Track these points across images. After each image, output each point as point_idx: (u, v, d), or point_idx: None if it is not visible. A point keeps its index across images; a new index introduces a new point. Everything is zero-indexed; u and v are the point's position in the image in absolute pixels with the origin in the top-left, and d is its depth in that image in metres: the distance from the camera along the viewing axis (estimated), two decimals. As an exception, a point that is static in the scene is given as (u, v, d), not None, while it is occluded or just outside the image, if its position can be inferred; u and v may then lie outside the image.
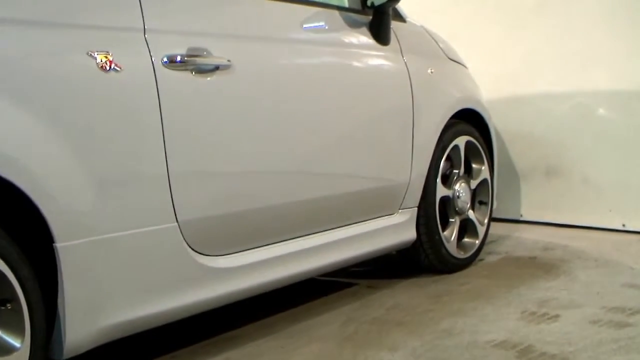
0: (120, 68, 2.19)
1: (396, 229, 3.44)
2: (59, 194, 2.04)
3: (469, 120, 3.92)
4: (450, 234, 3.70)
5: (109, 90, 2.18)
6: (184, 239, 2.41)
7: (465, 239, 3.88)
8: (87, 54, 2.13)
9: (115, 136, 2.19)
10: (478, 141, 3.92)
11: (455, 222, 3.74)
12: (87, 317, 2.14)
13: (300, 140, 2.85)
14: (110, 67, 2.17)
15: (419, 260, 3.67)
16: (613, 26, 4.58)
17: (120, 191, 2.20)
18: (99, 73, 2.14)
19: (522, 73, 4.99)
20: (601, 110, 4.71)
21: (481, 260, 3.98)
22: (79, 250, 2.09)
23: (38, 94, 2.03)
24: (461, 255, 3.77)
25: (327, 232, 3.08)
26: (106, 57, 2.16)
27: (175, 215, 2.37)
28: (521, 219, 5.10)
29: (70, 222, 2.07)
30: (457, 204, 3.73)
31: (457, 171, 3.77)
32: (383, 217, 3.40)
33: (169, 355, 2.75)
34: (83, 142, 2.11)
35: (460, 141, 3.77)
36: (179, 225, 2.38)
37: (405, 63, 3.44)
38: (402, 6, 3.58)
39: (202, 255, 2.49)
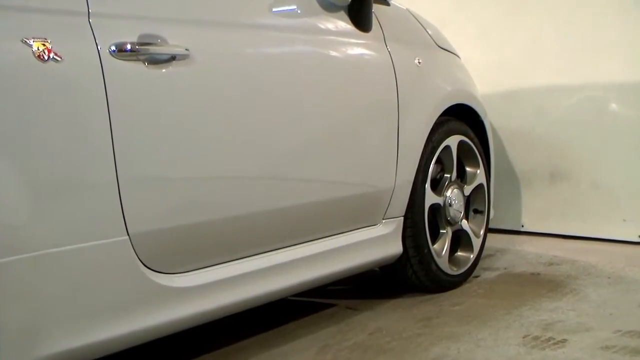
0: (60, 58, 2.18)
1: (380, 241, 3.45)
2: (-11, 204, 2.03)
3: (462, 117, 3.93)
4: (441, 248, 3.71)
5: (47, 84, 2.15)
6: (136, 254, 2.40)
7: (459, 253, 3.89)
8: (22, 41, 2.11)
9: (55, 137, 2.17)
10: (472, 141, 3.94)
11: (447, 233, 3.76)
12: (22, 347, 2.12)
13: (269, 141, 2.84)
14: (48, 56, 2.15)
15: (406, 277, 3.68)
16: (628, 10, 4.61)
17: (61, 200, 2.18)
18: (36, 63, 2.12)
19: (523, 63, 5.02)
20: (613, 105, 4.74)
21: (477, 277, 4.00)
22: (13, 269, 2.06)
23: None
24: (454, 271, 3.78)
25: (301, 245, 3.07)
26: (44, 45, 2.14)
27: (126, 227, 2.36)
28: (522, 229, 5.13)
29: (1, 237, 2.05)
30: (449, 213, 3.74)
31: (448, 175, 3.79)
32: (365, 229, 3.40)
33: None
34: (16, 144, 2.08)
35: (452, 141, 3.78)
36: (130, 238, 2.37)
37: (389, 52, 3.45)
38: (385, -13, 3.60)
39: (157, 273, 2.48)
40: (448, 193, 3.75)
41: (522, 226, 5.13)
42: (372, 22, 3.36)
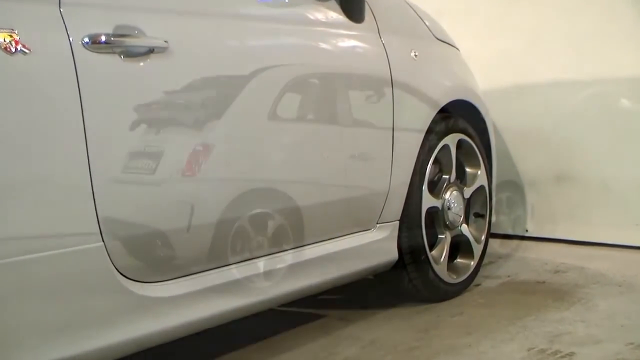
0: (29, 50, 2.17)
1: (373, 247, 3.44)
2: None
3: (462, 114, 3.93)
4: (439, 254, 3.71)
5: (14, 78, 2.14)
6: (112, 262, 2.39)
7: (458, 260, 3.90)
8: (-14, 32, 2.11)
9: (23, 135, 2.16)
10: (473, 140, 3.94)
11: (446, 238, 3.76)
12: (-12, 362, 2.12)
13: (254, 140, 2.83)
14: (16, 48, 2.14)
15: (402, 285, 3.68)
16: (639, -1, 4.63)
17: (29, 204, 2.17)
18: (3, 56, 2.11)
19: (527, 56, 5.02)
20: (624, 101, 4.74)
21: (477, 285, 4.00)
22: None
23: None
24: (453, 279, 3.78)
25: (289, 252, 3.06)
26: (11, 37, 2.14)
27: (101, 233, 2.35)
28: (527, 234, 5.13)
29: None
30: (448, 217, 3.74)
31: (447, 177, 3.80)
32: (358, 234, 3.40)
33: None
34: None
35: (451, 140, 3.79)
36: (105, 245, 2.36)
37: (384, 45, 3.44)
38: (379, -25, 3.60)
39: (134, 282, 2.47)
40: (447, 195, 3.75)
41: (527, 231, 5.13)
42: (365, 13, 3.37)
